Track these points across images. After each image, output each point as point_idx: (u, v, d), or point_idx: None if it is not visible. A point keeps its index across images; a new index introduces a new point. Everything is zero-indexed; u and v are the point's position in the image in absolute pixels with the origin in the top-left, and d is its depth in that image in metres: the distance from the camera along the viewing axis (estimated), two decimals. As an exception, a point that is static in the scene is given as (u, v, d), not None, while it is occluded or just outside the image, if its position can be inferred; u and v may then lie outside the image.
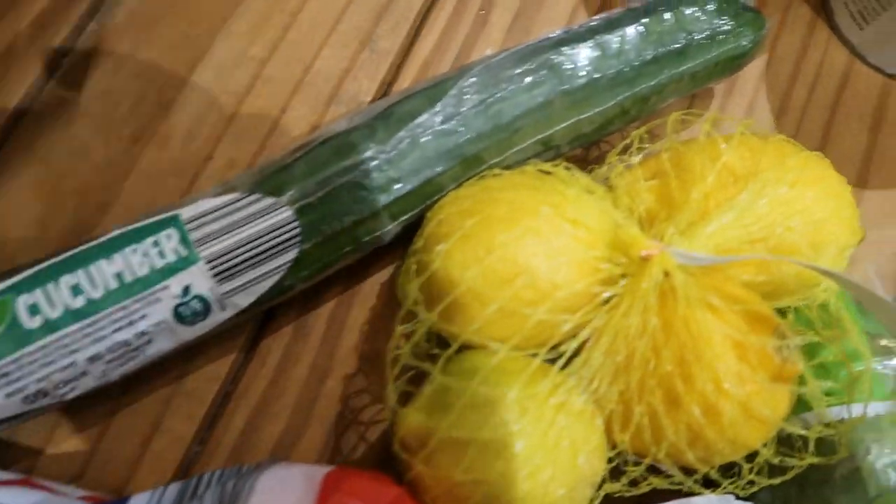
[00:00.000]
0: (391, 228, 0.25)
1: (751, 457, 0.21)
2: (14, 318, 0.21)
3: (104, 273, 0.22)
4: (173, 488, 0.21)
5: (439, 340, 0.23)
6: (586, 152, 0.30)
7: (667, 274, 0.21)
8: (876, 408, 0.22)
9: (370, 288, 0.28)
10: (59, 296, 0.21)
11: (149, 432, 0.25)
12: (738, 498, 0.21)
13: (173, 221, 0.23)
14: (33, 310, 0.21)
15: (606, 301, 0.22)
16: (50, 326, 0.21)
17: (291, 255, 0.23)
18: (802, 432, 0.21)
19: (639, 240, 0.21)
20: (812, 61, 0.32)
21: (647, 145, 0.25)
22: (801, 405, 0.22)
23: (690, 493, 0.21)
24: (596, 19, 0.26)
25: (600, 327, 0.21)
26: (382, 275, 0.28)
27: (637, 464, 0.22)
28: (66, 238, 0.26)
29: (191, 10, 0.30)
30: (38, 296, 0.21)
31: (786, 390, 0.21)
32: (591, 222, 0.22)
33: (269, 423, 0.26)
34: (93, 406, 0.25)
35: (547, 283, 0.21)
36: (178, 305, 0.22)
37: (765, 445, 0.21)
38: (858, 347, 0.22)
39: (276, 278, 0.23)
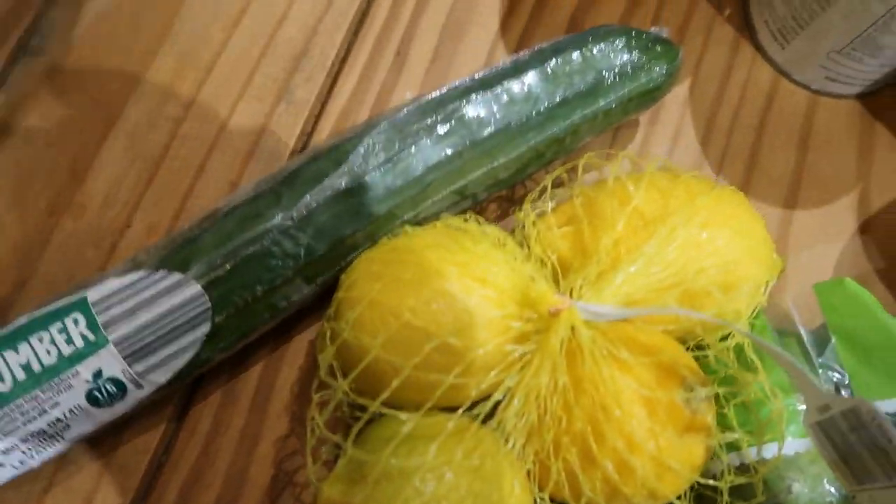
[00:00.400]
0: (308, 291, 0.25)
1: (671, 507, 0.21)
2: None
3: (11, 364, 0.22)
4: None
5: (358, 407, 0.23)
6: (511, 192, 0.29)
7: (574, 330, 0.21)
8: (795, 445, 0.22)
9: (297, 347, 0.27)
10: None
11: (80, 510, 0.25)
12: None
13: (80, 305, 0.22)
14: None
15: (519, 360, 0.22)
16: None
17: (204, 329, 0.23)
18: (715, 483, 0.21)
19: (547, 296, 0.21)
20: (737, 82, 0.32)
21: (560, 189, 0.25)
22: (723, 449, 0.22)
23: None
24: (504, 63, 0.26)
25: (513, 387, 0.21)
26: (309, 333, 0.27)
27: (559, 521, 0.22)
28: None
29: (101, 74, 0.29)
30: None
31: (698, 441, 0.21)
32: (500, 280, 0.22)
33: (203, 493, 0.26)
34: (25, 485, 0.25)
35: (457, 347, 0.21)
36: (91, 390, 0.22)
37: (680, 497, 0.21)
38: (774, 387, 0.22)
39: (191, 353, 0.23)
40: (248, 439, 0.26)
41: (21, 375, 0.22)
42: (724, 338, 0.23)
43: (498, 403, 0.22)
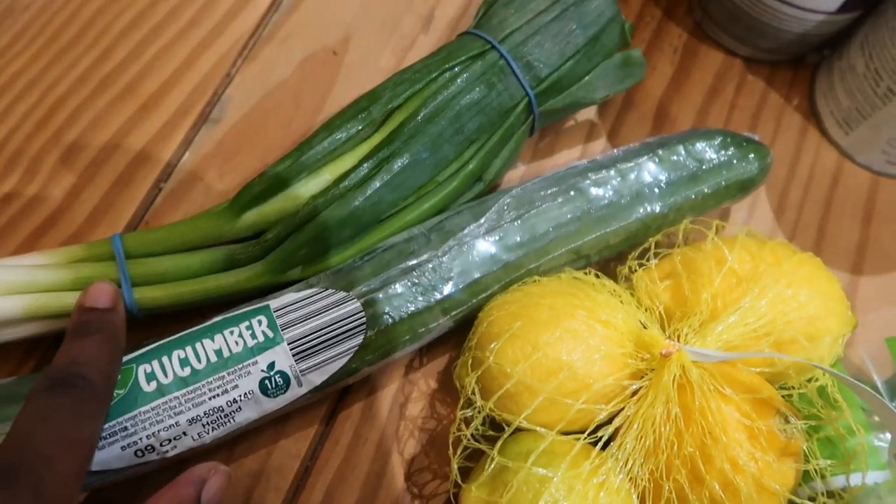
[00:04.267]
0: (443, 322, 0.29)
1: (766, 525, 0.25)
2: (135, 382, 0.26)
3: (207, 349, 0.26)
4: None
5: (492, 423, 0.27)
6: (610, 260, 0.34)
7: (684, 369, 0.25)
8: (874, 476, 0.26)
9: (427, 375, 0.32)
10: (171, 366, 0.26)
11: (242, 502, 0.29)
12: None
13: (264, 310, 0.27)
14: (150, 376, 0.26)
15: (635, 392, 0.26)
16: (161, 390, 0.26)
17: (357, 340, 0.28)
18: (808, 503, 0.24)
19: (659, 340, 0.26)
20: (805, 163, 0.37)
21: (660, 250, 0.30)
22: (810, 475, 0.26)
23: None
24: (617, 152, 0.31)
25: (631, 415, 0.26)
26: (436, 364, 0.32)
27: (668, 533, 0.25)
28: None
29: (266, 140, 0.35)
30: (154, 365, 0.26)
31: (792, 464, 0.25)
32: (619, 323, 0.27)
33: (344, 496, 0.30)
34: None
35: (584, 377, 0.26)
36: (263, 379, 0.26)
37: (776, 515, 0.25)
38: (853, 425, 0.26)
39: (344, 360, 0.27)
40: (383, 452, 0.31)
41: (213, 358, 0.26)
42: (809, 381, 0.27)
43: (617, 429, 0.26)
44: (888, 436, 0.26)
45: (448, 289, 0.29)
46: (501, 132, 0.32)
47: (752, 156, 0.32)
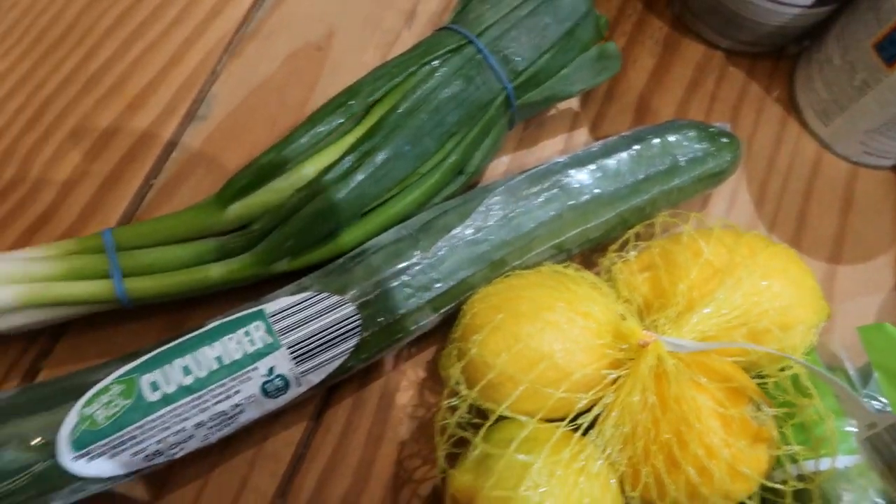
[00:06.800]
0: (433, 318, 0.30)
1: (741, 507, 0.26)
2: (139, 393, 0.26)
3: (207, 357, 0.27)
4: None
5: (478, 412, 0.28)
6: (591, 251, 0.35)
7: (660, 359, 0.26)
8: (845, 461, 0.27)
9: (415, 365, 0.33)
10: (173, 375, 0.26)
11: (238, 487, 0.30)
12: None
13: (259, 315, 0.28)
14: (154, 386, 0.26)
15: (614, 381, 0.27)
16: (166, 399, 0.26)
17: (353, 341, 0.28)
18: (781, 486, 0.25)
19: (636, 331, 0.26)
20: (785, 153, 0.38)
21: (640, 242, 0.31)
22: (785, 459, 0.27)
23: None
24: (595, 146, 0.32)
25: (610, 403, 0.26)
26: (425, 355, 0.33)
27: (646, 516, 0.26)
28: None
29: (252, 135, 0.36)
30: (157, 375, 0.26)
31: (764, 450, 0.26)
32: (598, 315, 0.27)
33: (337, 482, 0.31)
34: (196, 462, 0.30)
35: (565, 366, 0.26)
36: (264, 383, 0.27)
37: (750, 498, 0.26)
38: (823, 411, 0.26)
39: (341, 360, 0.28)
40: (374, 439, 0.31)
41: (214, 366, 0.27)
42: (782, 369, 0.28)
43: (597, 417, 0.27)
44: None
45: (438, 288, 0.29)
46: (481, 125, 0.32)
47: (724, 148, 0.33)
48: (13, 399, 0.27)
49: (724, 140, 0.33)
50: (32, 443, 0.25)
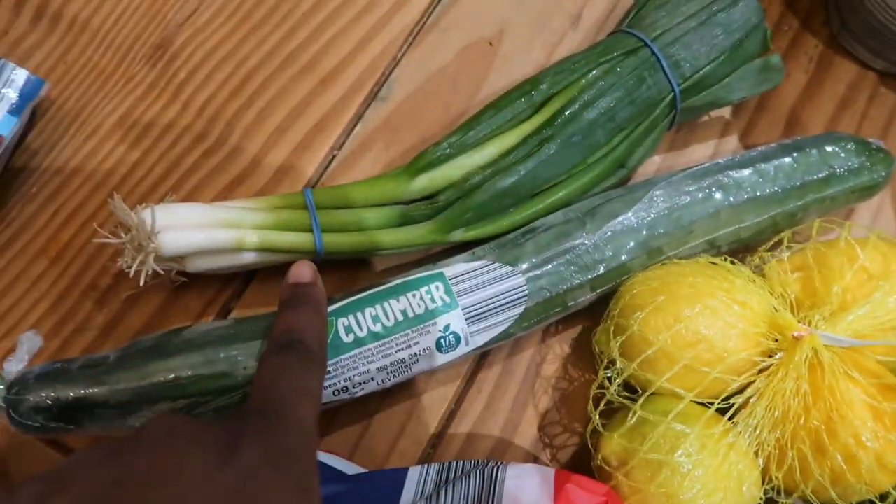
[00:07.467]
0: (589, 297, 0.33)
1: (883, 496, 0.27)
2: (336, 333, 0.30)
3: (394, 308, 0.30)
4: (433, 467, 0.29)
5: (626, 386, 0.31)
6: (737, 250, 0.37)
7: (815, 351, 0.28)
8: None
9: (562, 341, 0.35)
10: (364, 321, 0.30)
11: (397, 433, 0.34)
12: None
13: (440, 277, 0.31)
14: (348, 329, 0.30)
15: (764, 368, 0.29)
16: (358, 342, 0.30)
17: (519, 310, 0.31)
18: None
19: (792, 324, 0.29)
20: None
21: (793, 244, 0.32)
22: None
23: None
24: (753, 151, 0.34)
25: (762, 388, 0.29)
26: (570, 332, 0.36)
27: (788, 495, 0.28)
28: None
29: (428, 117, 0.39)
30: (350, 319, 0.30)
31: (912, 447, 0.27)
32: (754, 305, 0.30)
33: (483, 439, 0.34)
34: (360, 406, 0.34)
35: (720, 350, 0.29)
36: (440, 338, 0.31)
37: (895, 488, 0.27)
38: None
39: (505, 326, 0.32)
40: (519, 405, 0.34)
41: (400, 317, 0.30)
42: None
43: (746, 401, 0.29)
44: None
45: (599, 269, 0.32)
46: (647, 123, 0.35)
47: (879, 163, 0.34)
48: (228, 329, 0.31)
49: (881, 155, 0.34)
50: (244, 368, 0.29)
